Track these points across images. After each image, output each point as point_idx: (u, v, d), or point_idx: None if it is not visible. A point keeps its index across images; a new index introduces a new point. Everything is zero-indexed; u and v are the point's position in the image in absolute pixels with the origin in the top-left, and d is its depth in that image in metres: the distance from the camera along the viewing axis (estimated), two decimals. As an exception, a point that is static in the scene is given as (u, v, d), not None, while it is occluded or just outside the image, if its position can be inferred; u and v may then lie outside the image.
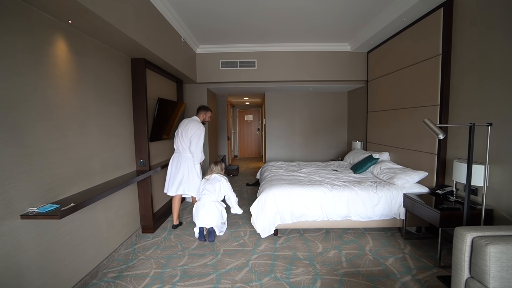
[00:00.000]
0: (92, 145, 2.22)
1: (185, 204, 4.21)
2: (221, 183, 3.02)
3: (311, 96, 5.75)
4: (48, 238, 1.75)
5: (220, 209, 2.97)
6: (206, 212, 2.84)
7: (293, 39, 4.16)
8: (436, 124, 2.14)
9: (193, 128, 3.09)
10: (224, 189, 3.03)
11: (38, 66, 1.68)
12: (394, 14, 3.06)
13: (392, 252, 2.53)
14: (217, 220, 2.90)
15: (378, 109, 4.09)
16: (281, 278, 2.16)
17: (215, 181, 3.02)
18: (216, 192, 2.98)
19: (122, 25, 2.11)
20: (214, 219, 2.86)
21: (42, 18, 1.71)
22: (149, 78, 3.23)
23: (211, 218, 2.84)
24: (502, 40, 2.08)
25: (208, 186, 2.99)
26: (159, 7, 2.88)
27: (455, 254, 1.55)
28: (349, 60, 4.52)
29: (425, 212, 2.36)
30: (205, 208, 2.86)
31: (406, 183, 2.84)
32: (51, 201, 1.76)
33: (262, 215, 2.80)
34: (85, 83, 2.14)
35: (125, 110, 2.79)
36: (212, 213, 2.85)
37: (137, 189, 3.04)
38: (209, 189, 2.97)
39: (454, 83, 2.60)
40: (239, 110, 9.51)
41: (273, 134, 5.87)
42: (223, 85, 4.87)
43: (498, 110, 2.12)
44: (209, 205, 2.87)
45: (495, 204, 2.16)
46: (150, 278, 2.19)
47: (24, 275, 1.56)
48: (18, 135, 1.53)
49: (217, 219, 2.89)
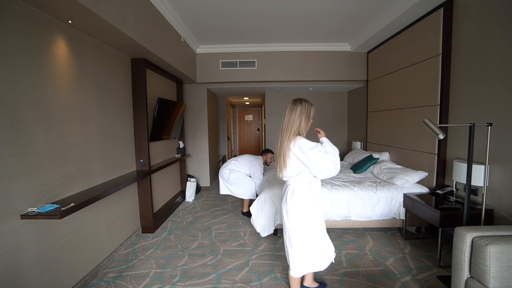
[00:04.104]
0: (92, 145, 2.22)
1: (185, 204, 4.21)
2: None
3: (311, 96, 5.73)
4: (48, 238, 1.75)
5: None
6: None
7: (293, 39, 4.15)
8: (436, 124, 2.14)
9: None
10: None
11: (38, 66, 1.68)
12: (394, 14, 3.06)
13: (392, 252, 2.53)
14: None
15: (378, 109, 4.09)
16: (281, 278, 2.16)
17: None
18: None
19: (122, 25, 2.11)
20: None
21: (42, 18, 1.71)
22: (149, 78, 3.23)
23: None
24: (502, 40, 2.07)
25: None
26: (159, 7, 2.88)
27: (455, 254, 1.55)
28: (349, 60, 4.52)
29: (425, 212, 2.35)
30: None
31: (406, 183, 2.84)
32: (51, 201, 1.76)
33: (262, 215, 2.80)
34: (85, 83, 2.14)
35: (125, 110, 2.79)
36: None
37: (137, 189, 3.04)
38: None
39: (454, 83, 2.59)
40: (239, 110, 9.51)
41: (273, 134, 5.87)
42: (223, 85, 4.87)
43: (498, 110, 2.12)
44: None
45: (495, 204, 2.16)
46: (150, 278, 2.19)
47: (24, 275, 1.56)
48: (18, 135, 1.53)
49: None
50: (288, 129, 1.66)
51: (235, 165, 3.60)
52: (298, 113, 1.66)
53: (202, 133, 4.96)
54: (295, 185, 1.70)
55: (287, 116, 1.69)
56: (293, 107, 1.68)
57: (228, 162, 3.67)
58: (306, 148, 1.59)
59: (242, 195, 3.59)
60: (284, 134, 1.67)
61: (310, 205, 1.69)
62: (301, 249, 1.69)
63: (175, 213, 3.78)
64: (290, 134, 1.65)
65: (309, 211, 1.68)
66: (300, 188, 1.69)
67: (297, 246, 1.69)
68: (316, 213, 1.71)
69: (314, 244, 1.70)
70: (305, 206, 1.68)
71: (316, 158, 1.58)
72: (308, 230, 1.68)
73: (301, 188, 1.68)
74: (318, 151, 1.59)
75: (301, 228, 1.68)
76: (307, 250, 1.69)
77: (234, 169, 3.59)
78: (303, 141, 1.62)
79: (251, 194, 3.57)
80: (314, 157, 1.58)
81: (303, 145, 1.60)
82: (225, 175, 3.59)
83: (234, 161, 3.65)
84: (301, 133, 1.68)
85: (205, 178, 5.07)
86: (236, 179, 3.55)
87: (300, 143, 1.61)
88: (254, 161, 3.63)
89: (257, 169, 3.57)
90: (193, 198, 4.45)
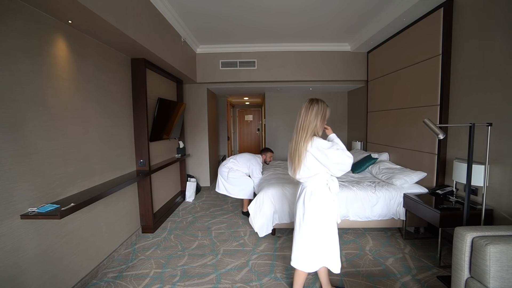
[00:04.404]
0: (92, 145, 2.22)
1: (185, 204, 4.21)
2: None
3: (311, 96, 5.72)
4: (48, 238, 1.75)
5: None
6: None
7: (293, 39, 4.15)
8: (436, 124, 2.14)
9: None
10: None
11: (38, 66, 1.68)
12: (394, 14, 3.06)
13: (392, 252, 2.53)
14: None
15: (378, 109, 4.09)
16: (281, 278, 2.16)
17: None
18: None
19: (122, 25, 2.11)
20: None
21: (42, 18, 1.71)
22: (149, 78, 3.23)
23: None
24: (502, 40, 2.07)
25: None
26: (159, 7, 2.88)
27: (455, 254, 1.55)
28: (349, 60, 4.52)
29: (425, 212, 2.35)
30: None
31: (405, 183, 2.84)
32: (51, 201, 1.76)
33: (260, 214, 2.80)
34: (85, 83, 2.14)
35: (125, 110, 2.79)
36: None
37: (137, 189, 3.04)
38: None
39: (454, 83, 2.59)
40: (239, 110, 9.51)
41: (273, 134, 5.87)
42: (223, 85, 4.87)
43: (498, 110, 2.12)
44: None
45: (495, 204, 2.16)
46: (150, 278, 2.19)
47: (24, 275, 1.56)
48: (18, 135, 1.53)
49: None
50: (304, 129, 1.64)
51: (233, 164, 3.60)
52: (314, 113, 1.64)
53: (202, 133, 4.96)
54: (313, 187, 1.69)
55: (302, 116, 1.66)
56: (309, 106, 1.65)
57: (227, 160, 3.67)
58: (325, 148, 1.59)
59: (238, 195, 3.57)
60: (299, 134, 1.65)
61: (328, 206, 1.69)
62: (314, 247, 1.69)
63: (175, 213, 3.78)
64: (307, 134, 1.62)
65: (327, 212, 1.68)
66: (318, 189, 1.68)
67: (310, 243, 1.69)
68: (333, 214, 1.71)
69: (328, 241, 1.70)
70: (323, 208, 1.67)
71: (336, 156, 1.58)
72: (324, 230, 1.68)
73: (319, 189, 1.68)
74: (336, 149, 1.59)
75: (318, 229, 1.67)
76: (320, 247, 1.69)
77: (233, 167, 3.58)
78: (320, 141, 1.61)
79: (247, 194, 3.56)
80: (334, 156, 1.58)
81: (321, 145, 1.59)
82: (224, 173, 3.59)
83: (233, 159, 3.64)
84: (317, 133, 1.66)
85: (205, 178, 5.07)
86: (235, 178, 3.55)
87: (317, 144, 1.60)
88: (253, 160, 3.62)
89: (256, 168, 3.56)
90: (193, 198, 4.45)
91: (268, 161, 3.91)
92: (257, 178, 3.54)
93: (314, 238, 1.68)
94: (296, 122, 1.70)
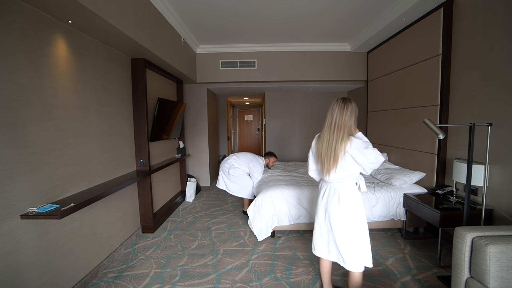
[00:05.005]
0: (92, 145, 2.22)
1: (185, 204, 4.21)
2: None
3: (311, 96, 5.74)
4: (48, 238, 1.75)
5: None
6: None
7: (293, 39, 4.15)
8: (436, 124, 2.14)
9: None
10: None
11: (38, 66, 1.68)
12: (394, 14, 3.06)
13: (392, 252, 2.53)
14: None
15: (378, 109, 4.09)
16: (281, 278, 2.16)
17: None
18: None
19: (122, 25, 2.11)
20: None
21: (42, 18, 1.71)
22: (149, 78, 3.23)
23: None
24: (502, 40, 2.07)
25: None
26: (159, 7, 2.88)
27: (455, 254, 1.55)
28: (349, 60, 4.52)
29: (425, 212, 2.35)
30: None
31: (404, 183, 2.84)
32: (51, 201, 1.76)
33: (259, 217, 2.78)
34: (85, 83, 2.14)
35: (125, 110, 2.79)
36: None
37: (137, 189, 3.04)
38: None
39: (454, 83, 2.59)
40: (239, 110, 9.51)
41: (273, 134, 5.87)
42: (223, 85, 4.87)
43: (498, 110, 2.12)
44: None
45: (495, 204, 2.16)
46: (150, 278, 2.19)
47: (24, 275, 1.56)
48: (18, 135, 1.53)
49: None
50: (341, 129, 1.60)
51: (235, 161, 3.61)
52: (349, 113, 1.61)
53: (202, 133, 4.96)
54: (347, 187, 1.68)
55: (336, 115, 1.62)
56: (343, 106, 1.61)
57: (229, 157, 3.68)
58: (363, 148, 1.58)
59: (237, 193, 3.57)
60: (335, 135, 1.61)
61: (360, 205, 1.70)
62: (367, 243, 1.70)
63: (175, 213, 3.78)
64: (344, 135, 1.59)
65: (359, 210, 1.69)
66: (352, 189, 1.68)
67: (364, 241, 1.69)
68: (363, 211, 1.73)
69: (365, 239, 1.70)
70: (355, 207, 1.67)
71: (372, 156, 1.57)
72: (358, 228, 1.68)
73: (350, 190, 1.68)
74: (372, 149, 1.59)
75: (363, 226, 1.69)
76: (362, 244, 1.69)
77: (234, 164, 3.59)
78: (358, 142, 1.59)
79: (247, 193, 3.56)
80: (371, 156, 1.57)
81: (360, 146, 1.58)
82: (225, 169, 3.61)
83: (235, 156, 3.65)
84: (352, 133, 1.64)
85: (205, 178, 5.07)
86: (235, 175, 3.55)
87: (356, 144, 1.58)
88: (255, 161, 3.62)
89: (257, 169, 3.54)
90: (193, 198, 4.45)
91: (270, 165, 3.91)
92: (257, 179, 3.53)
93: (364, 236, 1.69)
94: (328, 122, 1.66)
